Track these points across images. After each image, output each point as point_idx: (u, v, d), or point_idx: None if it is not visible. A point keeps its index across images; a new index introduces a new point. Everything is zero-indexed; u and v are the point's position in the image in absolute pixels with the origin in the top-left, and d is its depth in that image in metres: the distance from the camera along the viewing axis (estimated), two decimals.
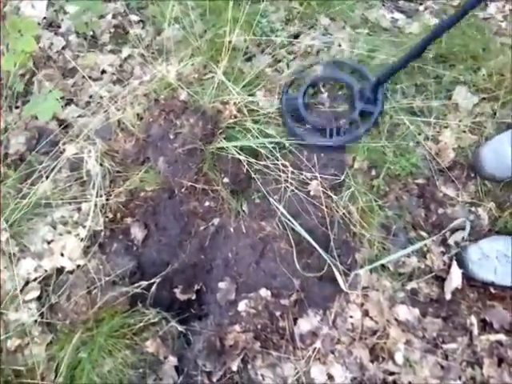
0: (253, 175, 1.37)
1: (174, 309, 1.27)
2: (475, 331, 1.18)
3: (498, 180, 1.32)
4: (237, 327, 1.20)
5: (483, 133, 1.38)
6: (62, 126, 1.46)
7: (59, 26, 1.78)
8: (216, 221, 1.35)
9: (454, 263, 1.23)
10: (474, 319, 1.19)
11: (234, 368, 1.14)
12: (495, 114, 1.42)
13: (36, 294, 1.22)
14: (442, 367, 1.14)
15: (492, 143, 1.32)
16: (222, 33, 1.52)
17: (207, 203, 1.34)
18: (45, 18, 1.81)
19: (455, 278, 1.21)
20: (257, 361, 1.16)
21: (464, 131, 1.40)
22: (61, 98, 1.49)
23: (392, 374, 1.14)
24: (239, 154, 1.32)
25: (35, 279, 1.24)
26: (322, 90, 1.51)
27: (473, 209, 1.29)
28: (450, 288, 1.22)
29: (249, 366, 1.16)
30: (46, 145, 1.43)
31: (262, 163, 1.36)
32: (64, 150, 1.38)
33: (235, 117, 1.37)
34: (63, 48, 1.70)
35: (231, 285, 1.28)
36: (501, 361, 1.14)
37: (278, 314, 1.21)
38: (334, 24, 1.67)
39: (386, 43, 1.56)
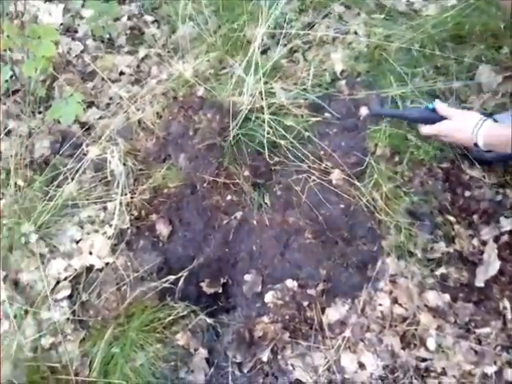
0: (273, 167, 1.37)
1: (201, 302, 1.28)
2: (509, 315, 1.15)
3: (485, 161, 1.30)
4: (265, 318, 1.20)
5: None
6: (84, 129, 1.49)
7: (76, 31, 1.81)
8: (239, 214, 1.35)
9: (493, 251, 1.20)
10: (507, 303, 1.16)
11: (264, 359, 1.15)
12: None
13: (67, 292, 1.25)
14: (476, 352, 1.12)
15: None
16: (237, 27, 1.52)
17: (229, 197, 1.35)
18: (62, 24, 1.84)
19: (492, 268, 1.18)
20: (286, 351, 1.16)
21: (487, 113, 1.37)
22: (82, 101, 1.53)
23: (424, 360, 1.13)
24: (259, 146, 1.32)
25: (65, 278, 1.26)
26: None
27: (500, 190, 1.26)
28: (486, 276, 1.18)
29: (279, 357, 1.16)
30: (69, 147, 1.45)
31: (282, 154, 1.36)
32: (87, 151, 1.40)
33: (253, 110, 1.37)
34: (81, 52, 1.73)
35: (257, 277, 1.29)
36: None
37: (305, 304, 1.21)
38: (348, 11, 1.65)
39: (403, 27, 1.53)
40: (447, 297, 1.18)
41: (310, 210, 1.30)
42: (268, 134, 1.32)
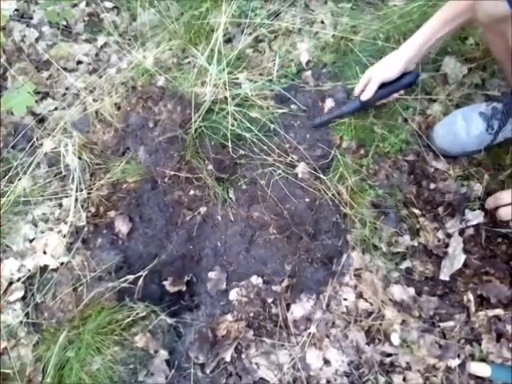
0: (238, 161, 1.32)
1: (164, 301, 1.23)
2: (472, 308, 1.15)
3: (450, 155, 1.30)
4: (229, 317, 1.17)
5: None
6: (38, 120, 1.41)
7: (31, 18, 1.71)
8: (202, 210, 1.31)
9: (458, 244, 1.19)
10: (470, 295, 1.16)
11: (228, 358, 1.11)
12: (484, 84, 1.38)
13: (20, 294, 1.19)
14: (440, 346, 1.12)
15: (446, 118, 1.29)
16: (199, 14, 1.46)
17: (192, 192, 1.30)
18: (17, 10, 1.74)
19: (457, 262, 1.17)
20: (250, 349, 1.13)
21: (452, 104, 1.36)
22: (36, 92, 1.44)
23: (389, 355, 1.12)
24: (223, 139, 1.28)
25: (19, 279, 1.20)
26: None
27: (465, 182, 1.26)
28: (451, 270, 1.17)
29: (243, 356, 1.13)
30: (22, 140, 1.38)
31: (247, 148, 1.32)
32: (41, 144, 1.33)
33: (217, 101, 1.32)
34: (36, 40, 1.63)
35: (222, 274, 1.25)
36: (499, 336, 1.12)
37: (270, 300, 1.18)
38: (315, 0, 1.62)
39: (369, 17, 1.51)
40: (412, 291, 1.17)
41: (276, 204, 1.27)
42: (232, 126, 1.28)
